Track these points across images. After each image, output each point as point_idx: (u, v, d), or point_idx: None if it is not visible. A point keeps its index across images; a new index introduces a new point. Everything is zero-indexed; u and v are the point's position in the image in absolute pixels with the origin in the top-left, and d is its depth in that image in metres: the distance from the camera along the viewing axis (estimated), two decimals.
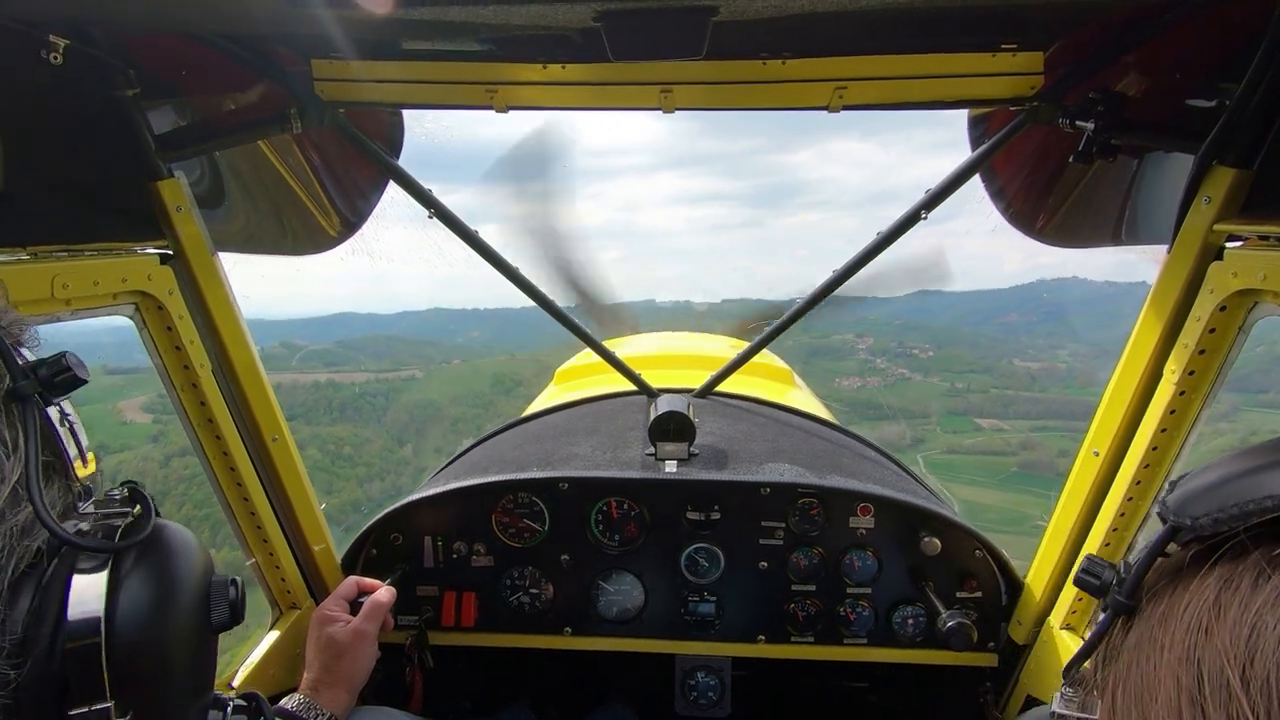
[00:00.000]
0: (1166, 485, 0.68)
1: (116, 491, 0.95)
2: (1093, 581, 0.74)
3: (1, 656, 0.76)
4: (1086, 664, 0.73)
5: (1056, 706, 0.76)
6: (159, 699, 0.89)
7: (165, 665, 0.89)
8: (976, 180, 2.16)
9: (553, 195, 2.99)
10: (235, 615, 0.99)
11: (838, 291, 2.42)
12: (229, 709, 1.05)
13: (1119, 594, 0.66)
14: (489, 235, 2.35)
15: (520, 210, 2.99)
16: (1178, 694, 0.51)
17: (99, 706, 0.79)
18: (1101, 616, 0.69)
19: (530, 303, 2.54)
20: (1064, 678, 0.79)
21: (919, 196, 2.15)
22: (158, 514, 0.95)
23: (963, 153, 2.12)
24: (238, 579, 1.01)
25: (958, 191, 2.12)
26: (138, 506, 0.93)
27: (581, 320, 2.78)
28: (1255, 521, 0.52)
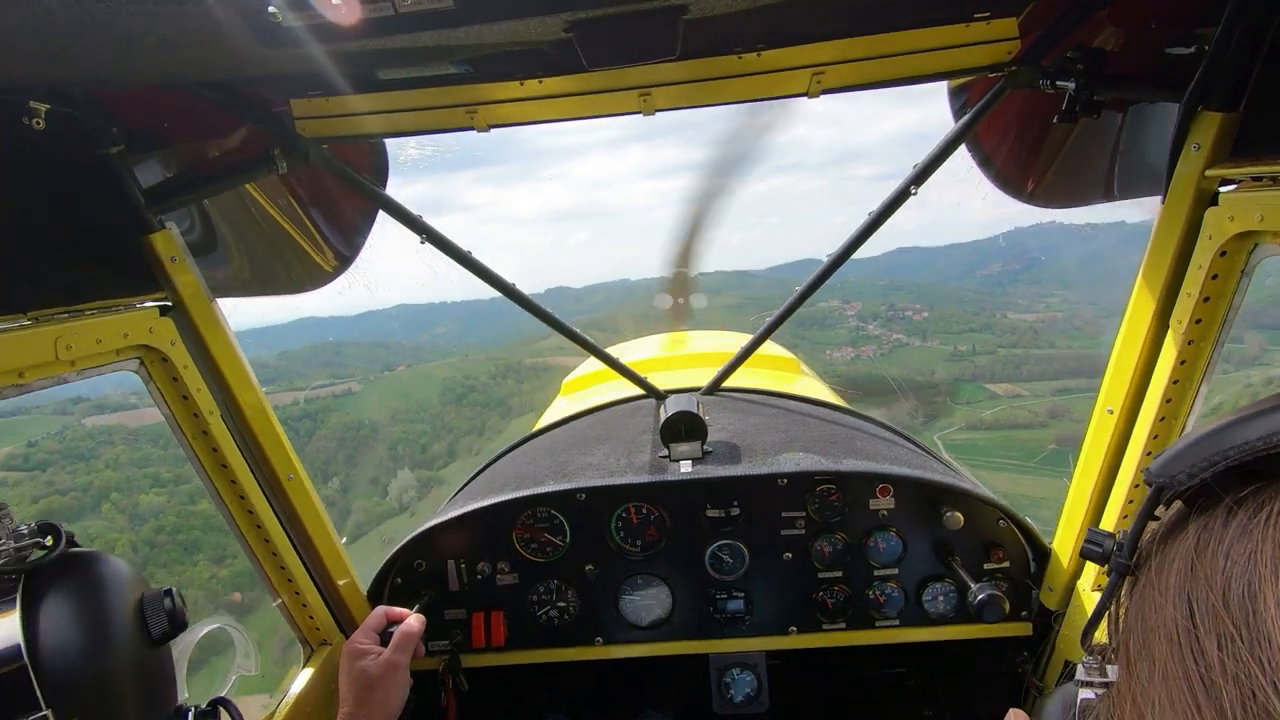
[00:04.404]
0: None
1: (25, 526, 0.97)
2: (1096, 550, 0.78)
3: None
4: (1102, 630, 0.77)
5: (1080, 676, 0.80)
6: (104, 709, 0.91)
7: (102, 677, 0.92)
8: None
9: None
10: (176, 624, 1.02)
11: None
12: (190, 715, 1.09)
13: (1120, 557, 0.72)
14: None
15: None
16: (1175, 629, 0.57)
17: (35, 715, 0.83)
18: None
19: (499, 292, 2.44)
20: (1082, 647, 0.83)
21: (889, 152, 2.15)
22: (73, 543, 0.98)
23: (932, 94, 2.10)
24: (174, 589, 1.04)
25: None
26: (49, 538, 0.96)
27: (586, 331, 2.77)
28: (1223, 470, 0.58)
